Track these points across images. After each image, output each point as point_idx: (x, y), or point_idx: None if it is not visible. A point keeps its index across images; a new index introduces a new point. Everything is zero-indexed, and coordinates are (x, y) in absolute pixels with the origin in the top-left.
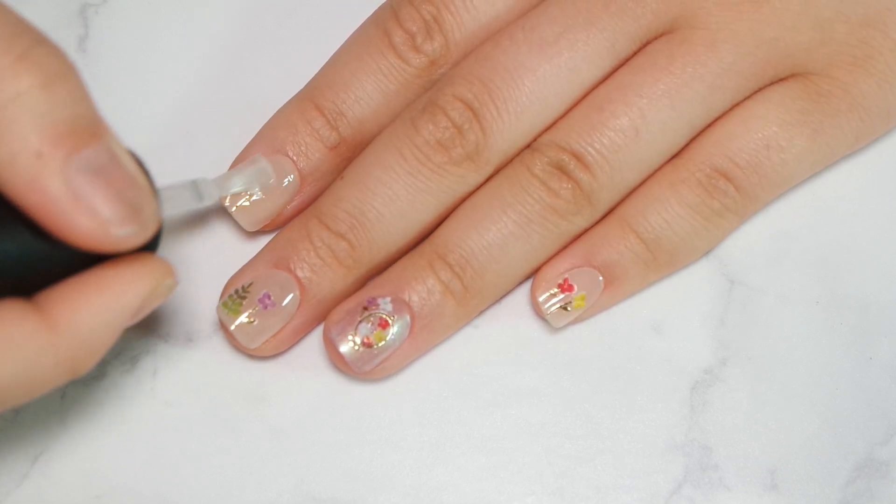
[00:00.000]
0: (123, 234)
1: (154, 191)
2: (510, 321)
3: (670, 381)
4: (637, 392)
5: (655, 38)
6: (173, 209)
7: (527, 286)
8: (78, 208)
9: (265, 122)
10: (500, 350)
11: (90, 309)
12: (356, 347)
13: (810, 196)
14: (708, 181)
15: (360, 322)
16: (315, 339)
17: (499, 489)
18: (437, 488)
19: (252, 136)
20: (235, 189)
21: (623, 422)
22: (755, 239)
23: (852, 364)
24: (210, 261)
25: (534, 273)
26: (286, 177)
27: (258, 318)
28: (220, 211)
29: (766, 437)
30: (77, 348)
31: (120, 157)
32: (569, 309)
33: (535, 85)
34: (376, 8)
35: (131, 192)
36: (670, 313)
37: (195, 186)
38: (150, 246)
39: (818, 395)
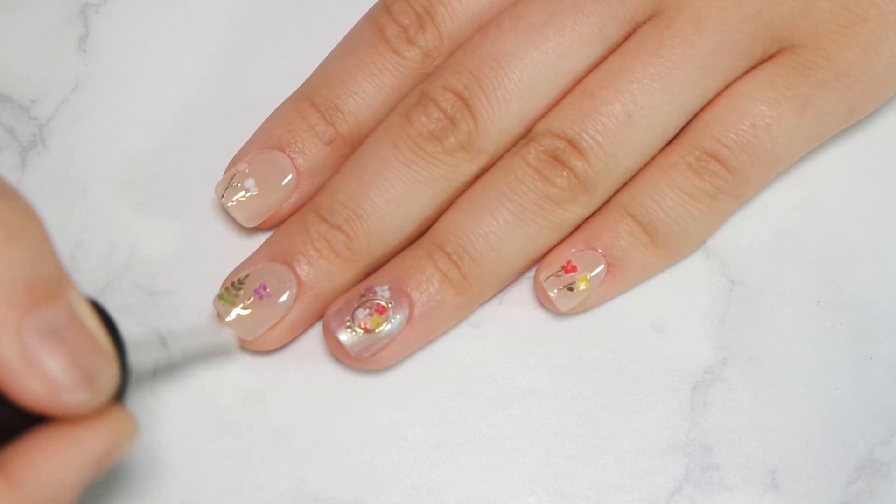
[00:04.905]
0: (75, 401)
1: (120, 347)
2: (510, 321)
3: (671, 381)
4: (638, 392)
5: (644, 21)
6: (142, 362)
7: (527, 286)
8: (29, 372)
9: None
10: (500, 350)
11: (52, 465)
12: (354, 334)
13: (811, 195)
14: (697, 164)
15: (357, 308)
16: (315, 339)
17: (499, 489)
18: (437, 488)
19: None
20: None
21: (624, 422)
22: (755, 239)
23: (853, 364)
24: (209, 260)
25: (533, 264)
26: (285, 176)
27: (254, 309)
28: (218, 209)
29: (767, 437)
30: None
31: (80, 318)
32: (573, 290)
33: (523, 72)
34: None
35: (88, 356)
36: (671, 313)
37: (162, 340)
38: (117, 396)
39: (819, 395)
